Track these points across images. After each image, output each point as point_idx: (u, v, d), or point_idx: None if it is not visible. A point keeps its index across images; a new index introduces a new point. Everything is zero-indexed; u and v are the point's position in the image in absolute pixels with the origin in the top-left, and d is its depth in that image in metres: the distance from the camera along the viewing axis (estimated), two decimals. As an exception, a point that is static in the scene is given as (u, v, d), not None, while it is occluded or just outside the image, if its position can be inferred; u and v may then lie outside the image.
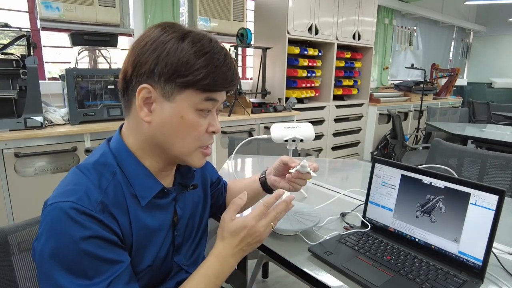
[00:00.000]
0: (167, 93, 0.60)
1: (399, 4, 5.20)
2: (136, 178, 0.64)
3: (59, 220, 0.54)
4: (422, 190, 0.85)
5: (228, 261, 0.66)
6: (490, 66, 7.31)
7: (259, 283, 2.05)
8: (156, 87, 0.60)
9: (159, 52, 0.59)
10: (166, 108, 0.61)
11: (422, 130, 4.42)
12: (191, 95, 0.61)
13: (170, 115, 0.61)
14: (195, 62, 0.59)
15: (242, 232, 0.66)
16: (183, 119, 0.62)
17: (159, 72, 0.59)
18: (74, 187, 0.58)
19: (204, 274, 0.65)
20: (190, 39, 0.60)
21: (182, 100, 0.61)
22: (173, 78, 0.59)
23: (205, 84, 0.60)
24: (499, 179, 1.65)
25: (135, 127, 0.65)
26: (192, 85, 0.60)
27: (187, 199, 0.77)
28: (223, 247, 0.66)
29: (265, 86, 3.39)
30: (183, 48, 0.59)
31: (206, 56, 0.60)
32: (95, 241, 0.54)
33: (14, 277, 0.76)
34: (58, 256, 0.53)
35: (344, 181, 1.46)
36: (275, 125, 1.12)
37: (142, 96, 0.61)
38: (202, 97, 0.62)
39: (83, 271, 0.53)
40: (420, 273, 0.75)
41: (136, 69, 0.61)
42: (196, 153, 0.67)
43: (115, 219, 0.59)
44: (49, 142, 2.03)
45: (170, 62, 0.59)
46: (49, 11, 2.37)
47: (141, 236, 0.64)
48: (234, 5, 3.31)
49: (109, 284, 0.55)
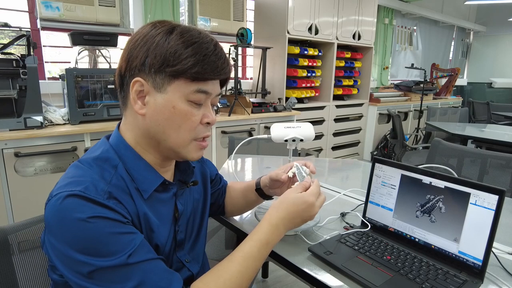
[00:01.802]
0: (159, 85, 0.62)
1: (399, 4, 5.20)
2: (137, 172, 0.65)
3: (67, 208, 0.54)
4: (422, 190, 0.85)
5: (279, 228, 0.70)
6: (490, 66, 7.31)
7: (259, 283, 2.05)
8: (148, 79, 0.62)
9: (149, 45, 0.61)
10: (159, 100, 0.62)
11: (422, 130, 4.42)
12: (181, 85, 0.62)
13: (162, 106, 0.62)
14: (183, 51, 0.60)
15: (302, 205, 0.72)
16: (175, 109, 0.62)
17: (149, 64, 0.61)
18: (79, 178, 0.58)
19: (257, 239, 0.68)
20: (178, 31, 0.62)
21: (173, 91, 0.62)
22: (163, 68, 0.61)
23: (194, 73, 0.61)
24: (499, 179, 1.65)
25: (132, 122, 0.67)
26: (181, 74, 0.61)
27: (188, 196, 0.78)
28: (276, 215, 0.71)
29: (265, 86, 3.39)
30: (172, 39, 0.61)
31: (194, 46, 0.61)
32: (105, 220, 0.55)
33: (15, 277, 0.76)
34: (72, 241, 0.54)
35: (344, 181, 1.46)
36: (275, 125, 1.12)
37: (135, 89, 0.63)
38: (193, 88, 0.62)
39: (100, 248, 0.54)
40: (420, 273, 0.75)
41: (128, 64, 0.63)
42: (192, 145, 0.67)
43: (123, 206, 0.60)
44: (49, 142, 2.03)
45: (159, 53, 0.60)
46: (49, 11, 2.37)
47: (145, 227, 0.65)
48: (234, 5, 3.31)
49: (129, 255, 0.55)
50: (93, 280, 0.54)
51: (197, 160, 0.69)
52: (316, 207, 0.73)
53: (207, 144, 0.70)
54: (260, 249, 0.67)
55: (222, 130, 2.82)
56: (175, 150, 0.66)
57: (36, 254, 0.80)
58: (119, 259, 0.54)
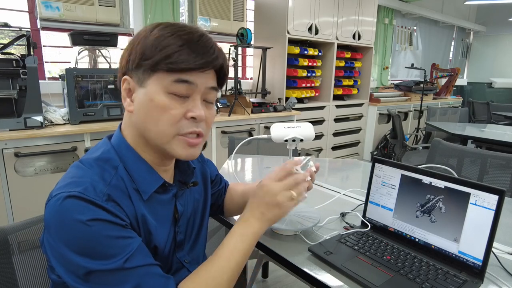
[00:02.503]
0: (140, 80, 0.63)
1: (399, 4, 5.20)
2: (137, 173, 0.65)
3: (66, 209, 0.54)
4: (422, 190, 0.85)
5: (251, 223, 0.69)
6: (490, 66, 7.31)
7: (259, 283, 2.05)
8: (133, 76, 0.63)
9: (133, 43, 0.63)
10: (140, 94, 0.63)
11: (422, 130, 4.42)
12: (159, 77, 0.61)
13: (143, 100, 0.62)
14: (160, 43, 0.60)
15: (260, 192, 0.70)
16: (153, 101, 0.61)
17: (132, 60, 0.62)
18: (78, 179, 0.58)
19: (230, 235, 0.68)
20: (161, 26, 0.62)
21: (152, 84, 0.61)
22: (141, 62, 0.61)
23: (169, 63, 0.59)
24: (499, 179, 1.65)
25: (127, 121, 0.68)
26: (158, 65, 0.59)
27: (188, 197, 0.78)
28: (247, 210, 0.71)
29: (265, 86, 3.39)
30: (152, 34, 0.62)
31: (173, 37, 0.60)
32: (103, 223, 0.55)
33: (15, 277, 0.76)
34: (70, 242, 0.54)
35: (344, 181, 1.46)
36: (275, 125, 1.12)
37: (124, 87, 0.65)
38: (172, 78, 0.60)
39: (97, 251, 0.54)
40: (420, 273, 0.75)
41: (121, 63, 0.66)
42: (175, 141, 0.63)
43: (122, 208, 0.60)
44: (49, 142, 2.03)
45: (139, 48, 0.61)
46: (49, 11, 2.37)
47: (144, 229, 0.65)
48: (234, 5, 3.31)
49: (126, 260, 0.55)
50: (89, 283, 0.54)
51: (189, 158, 0.66)
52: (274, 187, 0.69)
53: (197, 142, 0.65)
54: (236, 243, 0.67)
55: (222, 130, 2.82)
56: (159, 147, 0.64)
57: (36, 254, 0.80)
58: (116, 263, 0.54)
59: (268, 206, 0.69)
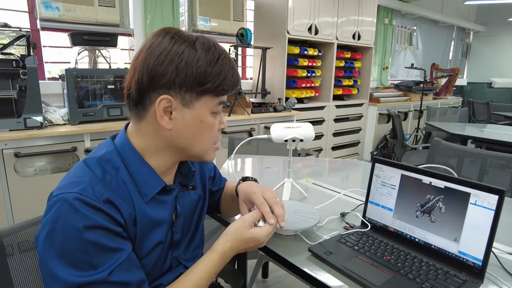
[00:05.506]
0: (187, 102, 0.64)
1: (399, 4, 5.20)
2: (139, 175, 0.67)
3: (64, 211, 0.56)
4: (422, 190, 0.85)
5: (228, 258, 0.73)
6: (490, 66, 7.31)
7: (259, 283, 2.05)
8: (176, 96, 0.63)
9: (177, 64, 0.62)
10: (187, 115, 0.65)
11: (422, 130, 4.42)
12: (207, 100, 0.66)
13: (190, 121, 0.66)
14: (211, 70, 0.63)
15: (252, 243, 0.73)
16: (203, 123, 0.67)
17: (180, 83, 0.62)
18: (78, 179, 0.60)
19: (207, 271, 0.69)
20: (200, 46, 0.64)
21: (200, 107, 0.66)
22: (193, 87, 0.63)
23: (220, 90, 0.66)
24: (499, 179, 1.65)
25: (149, 132, 0.67)
26: (209, 92, 0.65)
27: (187, 198, 0.80)
28: (230, 248, 0.72)
29: (265, 86, 3.39)
30: (199, 58, 0.63)
31: (218, 64, 0.64)
32: (98, 231, 0.57)
33: (10, 279, 0.76)
34: (61, 245, 0.55)
35: (344, 181, 1.46)
36: (275, 125, 1.12)
37: (162, 106, 0.63)
38: (216, 101, 0.67)
39: (86, 260, 0.55)
40: (420, 273, 0.75)
41: (154, 80, 0.62)
42: (210, 150, 0.73)
43: (118, 210, 0.61)
44: (49, 142, 2.03)
45: (189, 72, 0.62)
46: (49, 11, 2.37)
47: (144, 227, 0.66)
48: (234, 5, 3.31)
49: (111, 272, 0.57)
50: None
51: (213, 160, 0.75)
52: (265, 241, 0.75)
53: (219, 146, 0.76)
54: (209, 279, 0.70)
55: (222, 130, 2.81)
56: (198, 157, 0.72)
57: (31, 256, 0.81)
58: (100, 274, 0.56)
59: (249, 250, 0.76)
